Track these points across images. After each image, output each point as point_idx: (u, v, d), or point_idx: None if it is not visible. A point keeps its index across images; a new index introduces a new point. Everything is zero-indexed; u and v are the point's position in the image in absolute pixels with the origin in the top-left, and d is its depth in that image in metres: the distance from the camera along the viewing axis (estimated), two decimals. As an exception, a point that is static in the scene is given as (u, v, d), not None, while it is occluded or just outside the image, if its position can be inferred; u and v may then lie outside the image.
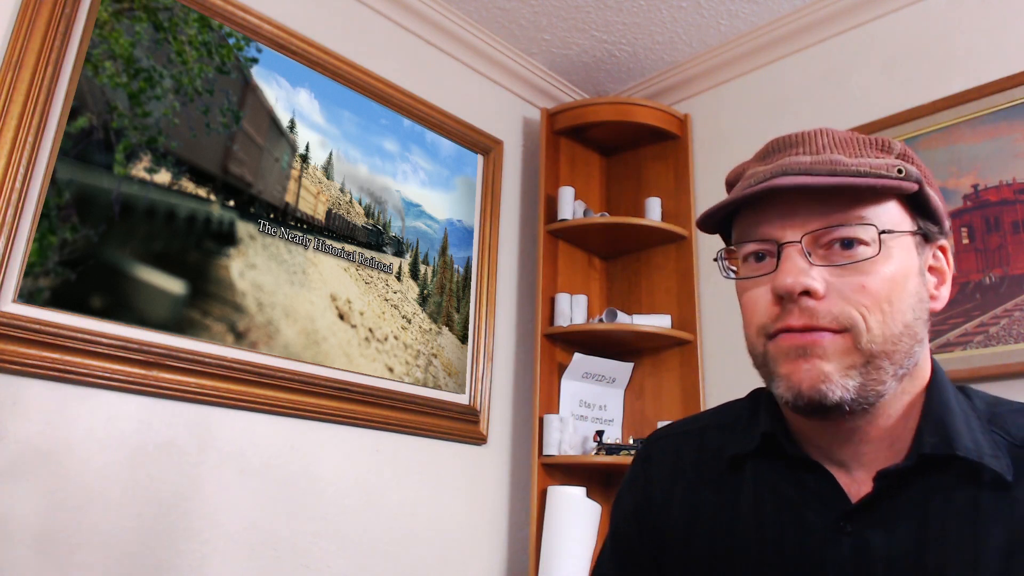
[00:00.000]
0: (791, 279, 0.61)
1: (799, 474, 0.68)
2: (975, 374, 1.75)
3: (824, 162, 0.63)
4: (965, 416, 0.65)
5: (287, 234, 1.87)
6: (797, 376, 0.61)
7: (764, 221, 0.65)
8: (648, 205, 2.45)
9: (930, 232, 0.67)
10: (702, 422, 0.80)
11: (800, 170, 0.63)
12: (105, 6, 1.64)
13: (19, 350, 1.40)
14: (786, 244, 0.63)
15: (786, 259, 0.62)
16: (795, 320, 0.61)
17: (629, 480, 0.83)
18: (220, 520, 1.63)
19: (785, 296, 0.62)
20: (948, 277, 0.69)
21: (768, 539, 0.67)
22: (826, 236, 0.62)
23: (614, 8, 2.32)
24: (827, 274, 0.62)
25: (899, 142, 0.68)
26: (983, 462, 0.61)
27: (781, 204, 0.64)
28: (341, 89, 2.08)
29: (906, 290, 0.63)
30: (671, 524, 0.75)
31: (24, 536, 1.37)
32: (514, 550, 2.22)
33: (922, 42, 2.07)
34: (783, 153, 0.67)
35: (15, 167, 1.44)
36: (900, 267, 0.63)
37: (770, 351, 0.64)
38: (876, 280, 0.61)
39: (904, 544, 0.61)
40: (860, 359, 0.61)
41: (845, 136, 0.67)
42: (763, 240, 0.65)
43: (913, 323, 0.63)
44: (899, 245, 0.63)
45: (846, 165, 0.62)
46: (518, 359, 2.41)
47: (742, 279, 0.67)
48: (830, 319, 0.61)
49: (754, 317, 0.65)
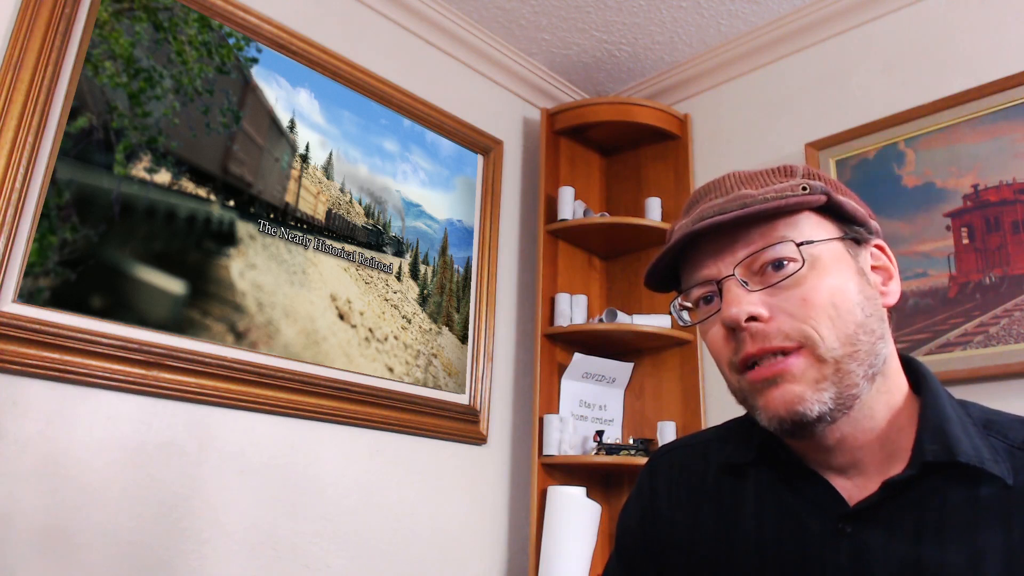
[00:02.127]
0: (734, 309, 0.64)
1: (797, 482, 0.70)
2: (975, 374, 1.75)
3: (734, 199, 0.67)
4: (962, 423, 0.66)
5: (287, 234, 1.87)
6: (773, 404, 0.64)
7: (699, 265, 0.69)
8: (648, 205, 2.45)
9: (859, 235, 0.69)
10: (705, 436, 0.83)
11: (714, 212, 0.67)
12: (105, 6, 1.64)
13: (19, 350, 1.40)
14: (724, 279, 0.66)
15: (726, 292, 0.66)
16: (749, 347, 0.64)
17: (635, 493, 0.85)
18: (220, 520, 1.63)
19: (734, 327, 0.65)
20: (894, 272, 0.71)
21: (769, 545, 0.69)
22: (755, 262, 0.66)
23: (614, 8, 2.32)
24: (767, 297, 0.65)
25: (802, 165, 0.73)
26: (984, 467, 0.62)
27: (708, 246, 0.68)
28: (341, 89, 2.08)
29: (847, 292, 0.65)
30: (675, 535, 0.77)
31: (24, 536, 1.37)
32: (514, 550, 2.22)
33: (922, 42, 2.07)
34: (700, 203, 0.72)
35: (15, 167, 1.44)
36: (834, 272, 0.65)
37: (744, 387, 0.67)
38: (813, 290, 0.64)
39: (903, 546, 0.62)
40: (828, 369, 0.63)
41: (751, 173, 0.72)
42: (704, 283, 0.68)
43: (866, 321, 0.65)
44: (828, 253, 0.66)
45: (753, 196, 0.66)
46: (518, 359, 2.41)
47: (698, 323, 0.71)
48: (782, 337, 0.63)
49: (720, 355, 0.69)
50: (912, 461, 0.64)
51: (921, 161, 1.97)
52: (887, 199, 2.00)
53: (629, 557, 0.83)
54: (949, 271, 1.86)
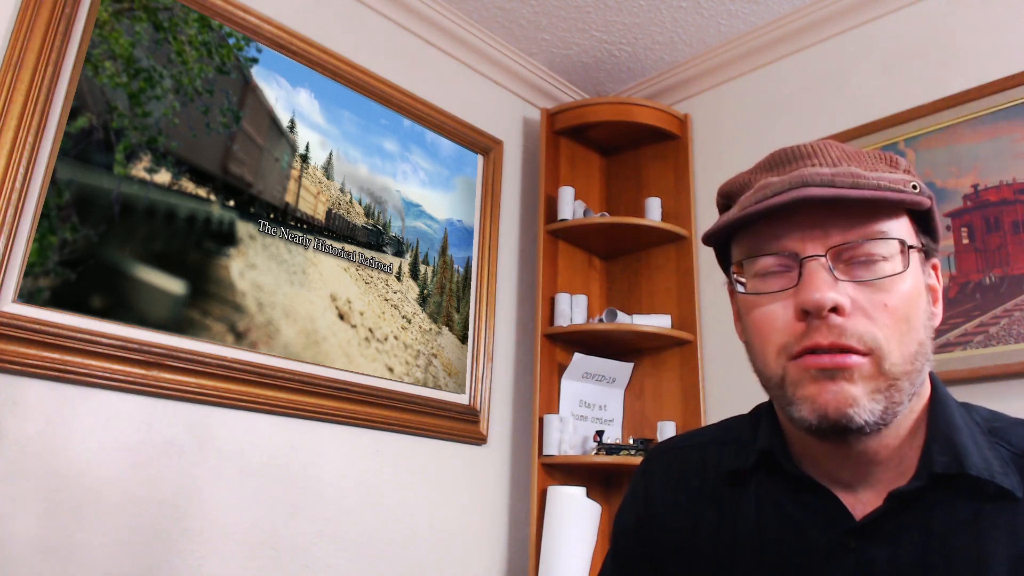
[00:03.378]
0: (819, 294, 0.58)
1: (801, 494, 0.67)
2: (975, 374, 1.75)
3: (845, 174, 0.60)
4: (970, 431, 0.64)
5: (287, 234, 1.87)
6: (823, 398, 0.59)
7: (783, 234, 0.62)
8: (648, 205, 2.45)
9: (931, 249, 0.66)
10: (703, 437, 0.79)
11: (822, 181, 0.60)
12: (105, 6, 1.64)
13: (19, 350, 1.40)
14: (810, 258, 0.60)
15: (812, 273, 0.59)
16: (823, 338, 0.59)
17: (630, 495, 0.82)
18: (220, 520, 1.63)
19: (812, 312, 0.59)
20: (940, 294, 0.67)
21: (771, 555, 0.66)
22: (849, 251, 0.60)
23: (614, 8, 2.32)
24: (851, 290, 0.60)
25: (902, 157, 0.67)
26: (994, 480, 0.60)
27: (800, 217, 0.61)
28: (341, 89, 2.08)
29: (919, 308, 0.62)
30: (672, 539, 0.74)
31: (24, 536, 1.37)
32: (514, 550, 2.22)
33: (922, 42, 2.07)
34: (796, 164, 0.65)
35: (15, 167, 1.44)
36: (915, 284, 0.62)
37: (790, 372, 0.61)
38: (896, 298, 0.60)
39: (909, 558, 0.60)
40: (884, 383, 0.59)
41: (854, 150, 0.66)
42: (782, 254, 0.62)
43: (926, 341, 0.62)
44: (915, 262, 0.62)
45: (867, 179, 0.60)
46: (518, 359, 2.41)
47: (761, 294, 0.63)
48: (856, 339, 0.59)
49: (772, 335, 0.62)
50: (919, 472, 0.62)
51: (921, 161, 1.97)
52: (887, 199, 2.00)
53: (624, 560, 0.81)
54: (949, 271, 1.86)
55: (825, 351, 0.59)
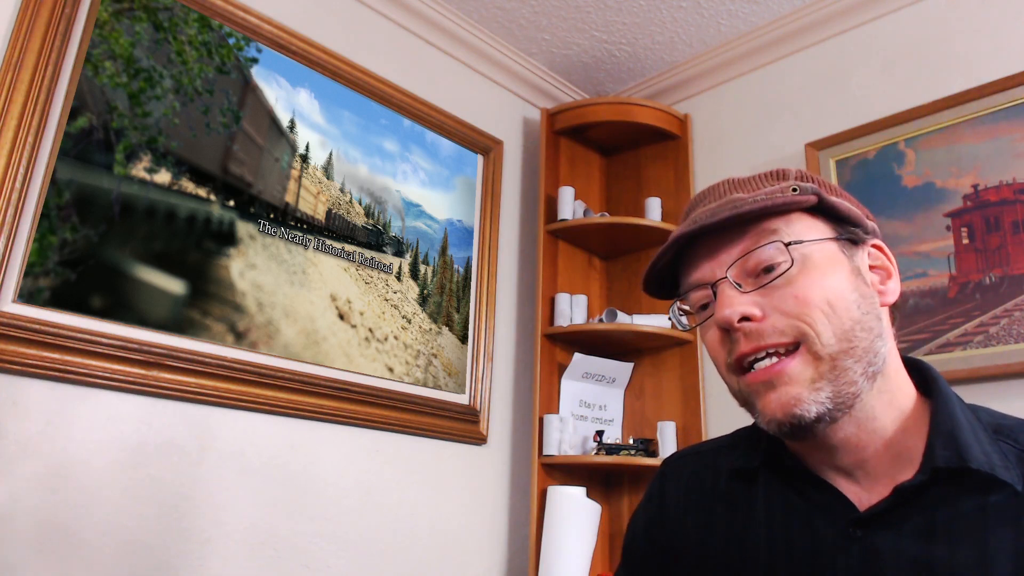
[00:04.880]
0: (727, 310, 0.65)
1: (805, 488, 0.70)
2: (975, 374, 1.75)
3: (725, 203, 0.68)
4: (972, 428, 0.65)
5: (287, 234, 1.87)
6: (770, 407, 0.64)
7: (694, 269, 0.70)
8: (648, 205, 2.45)
9: (854, 235, 0.70)
10: (716, 444, 0.84)
11: (706, 217, 0.68)
12: (105, 6, 1.64)
13: (19, 350, 1.40)
14: (717, 282, 0.67)
15: (720, 294, 0.67)
16: (743, 346, 0.65)
17: (643, 501, 0.86)
18: (220, 520, 1.63)
19: (728, 327, 0.66)
20: (893, 271, 0.71)
21: (778, 547, 0.69)
22: (747, 263, 0.67)
23: (614, 8, 2.32)
24: (760, 298, 0.66)
25: (795, 168, 0.74)
26: (995, 474, 0.62)
27: (702, 251, 0.70)
28: (341, 89, 2.08)
29: (842, 290, 0.65)
30: (685, 540, 0.78)
31: (25, 536, 1.37)
32: (514, 550, 2.22)
33: (922, 42, 2.07)
34: (695, 209, 0.73)
35: (15, 167, 1.44)
36: (827, 271, 0.66)
37: (743, 388, 0.67)
38: (804, 288, 0.65)
39: (913, 549, 0.62)
40: (825, 366, 0.63)
41: (744, 178, 0.73)
42: (699, 286, 0.70)
43: (863, 318, 0.65)
44: (819, 252, 0.66)
45: (744, 200, 0.67)
46: (518, 359, 2.41)
47: (695, 327, 0.72)
48: (777, 334, 0.64)
49: (717, 356, 0.70)
50: (923, 466, 0.64)
51: (921, 161, 1.97)
52: (887, 199, 2.00)
53: (637, 562, 0.84)
54: (949, 271, 1.86)
55: (753, 361, 0.65)
